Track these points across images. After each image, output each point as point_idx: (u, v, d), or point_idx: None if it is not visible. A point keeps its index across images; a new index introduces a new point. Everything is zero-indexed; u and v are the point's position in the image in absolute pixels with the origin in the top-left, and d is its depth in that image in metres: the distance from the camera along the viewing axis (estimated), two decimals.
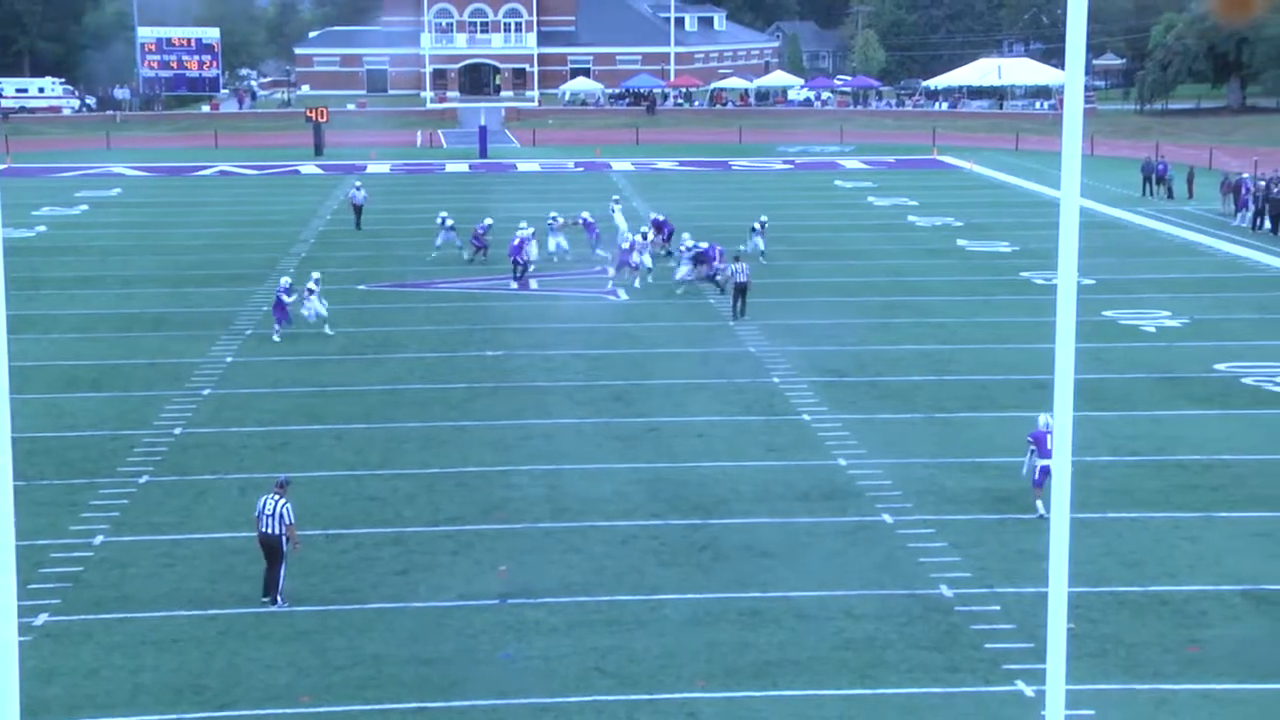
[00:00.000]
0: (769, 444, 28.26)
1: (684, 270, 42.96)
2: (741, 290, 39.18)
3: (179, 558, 22.54)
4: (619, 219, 51.40)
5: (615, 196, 56.21)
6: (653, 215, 50.91)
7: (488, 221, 49.30)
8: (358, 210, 56.79)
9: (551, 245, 47.78)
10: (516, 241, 45.32)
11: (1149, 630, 19.57)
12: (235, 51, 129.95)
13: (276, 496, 20.76)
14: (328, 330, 37.47)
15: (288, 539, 20.59)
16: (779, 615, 20.17)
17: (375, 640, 19.52)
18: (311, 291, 37.89)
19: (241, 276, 46.29)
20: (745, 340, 37.00)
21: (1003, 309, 40.33)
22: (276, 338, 37.16)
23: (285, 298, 37.66)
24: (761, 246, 47.36)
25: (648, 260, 44.21)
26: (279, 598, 20.50)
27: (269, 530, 20.59)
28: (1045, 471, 23.08)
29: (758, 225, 48.20)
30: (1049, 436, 22.68)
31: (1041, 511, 22.98)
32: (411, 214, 58.75)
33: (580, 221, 49.54)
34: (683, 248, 43.83)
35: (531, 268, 45.44)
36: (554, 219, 49.03)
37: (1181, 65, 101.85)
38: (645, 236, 45.65)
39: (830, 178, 75.96)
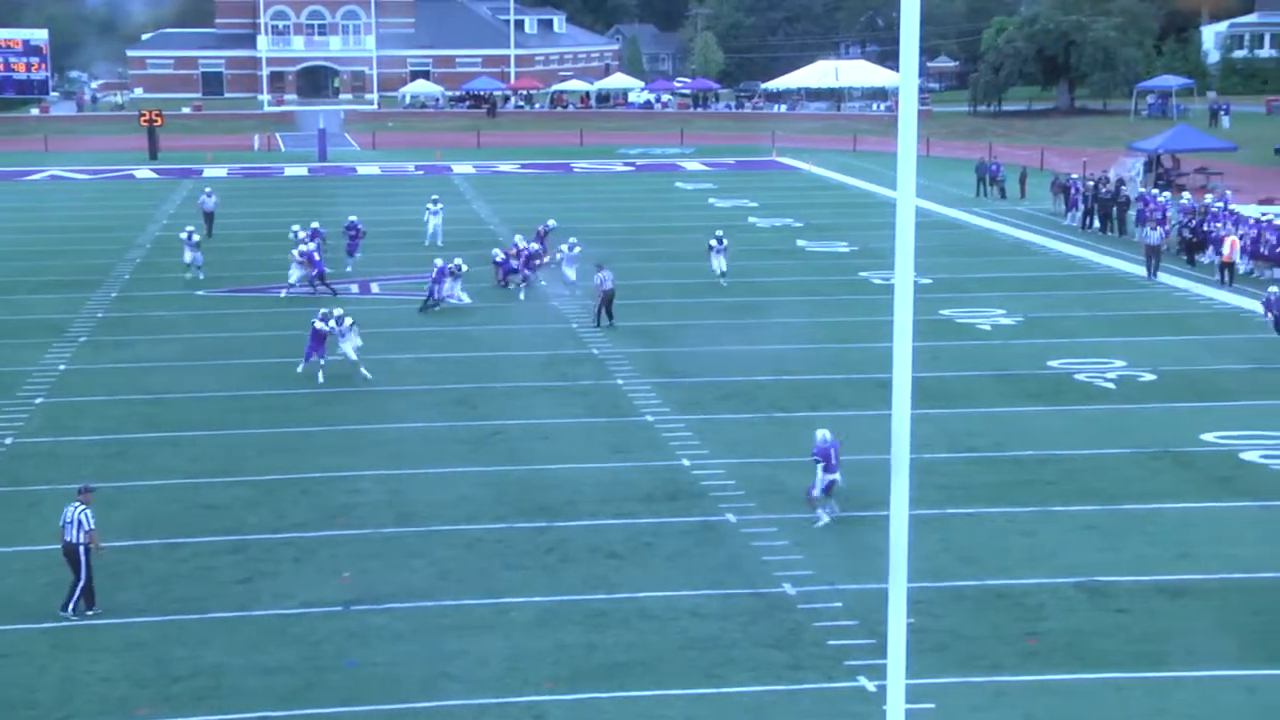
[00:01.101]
0: (614, 445, 28.32)
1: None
2: (608, 299, 38.71)
3: (11, 570, 22.00)
4: (433, 222, 51.72)
5: (434, 197, 55.18)
6: (540, 226, 49.05)
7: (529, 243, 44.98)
8: (208, 217, 55.16)
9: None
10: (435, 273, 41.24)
11: (987, 624, 19.94)
12: (65, 53, 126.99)
13: (78, 503, 20.37)
14: (365, 372, 33.16)
15: (88, 546, 20.18)
16: (626, 616, 20.22)
17: (216, 650, 19.20)
18: (344, 327, 33.52)
19: (76, 283, 45.29)
20: (589, 343, 37.04)
21: (842, 309, 40.83)
22: (300, 369, 33.44)
23: (320, 325, 33.31)
24: (722, 268, 43.62)
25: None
26: (70, 607, 20.03)
27: (70, 539, 20.20)
28: (828, 485, 23.60)
29: (715, 243, 44.22)
30: (833, 450, 23.44)
31: (824, 519, 23.43)
32: (250, 219, 57.90)
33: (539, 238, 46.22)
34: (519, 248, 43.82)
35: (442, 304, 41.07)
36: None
37: (1012, 68, 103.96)
38: (571, 248, 43.64)
39: (671, 179, 76.32)
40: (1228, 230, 45.73)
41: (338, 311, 33.89)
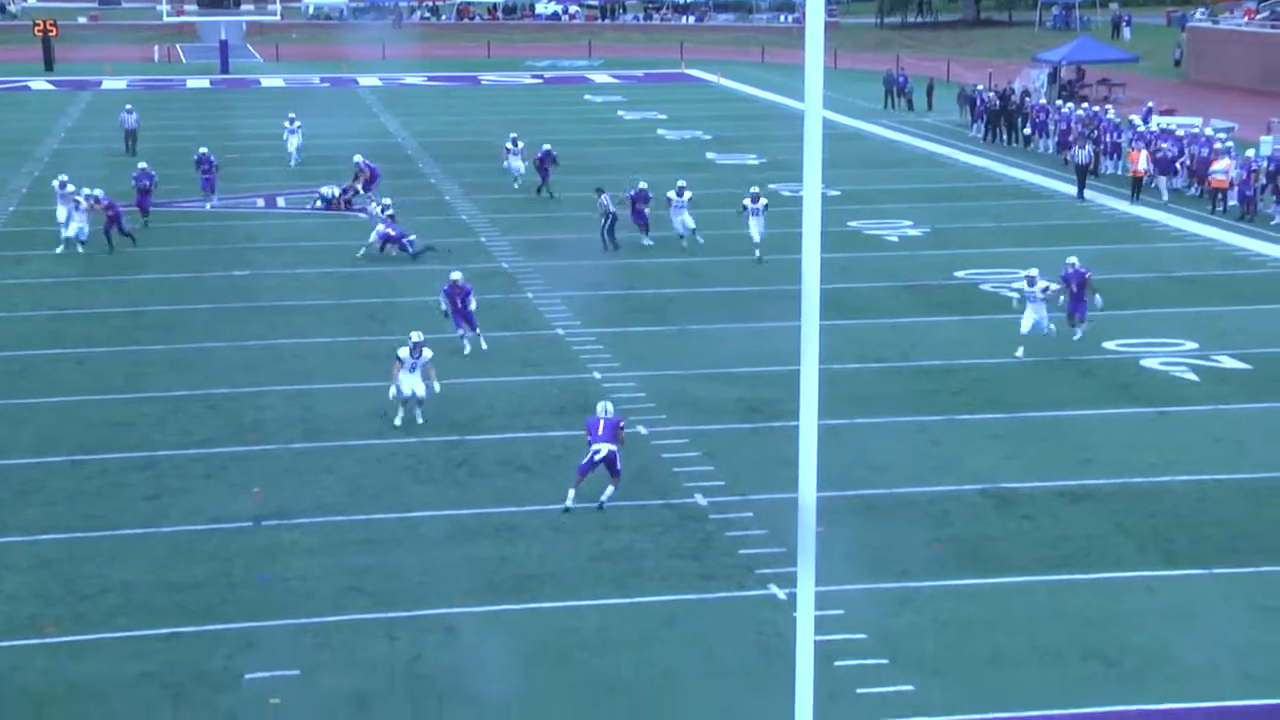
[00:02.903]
0: (524, 359, 28.29)
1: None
2: (612, 221, 36.92)
3: None
4: (293, 141, 50.13)
5: (291, 115, 52.38)
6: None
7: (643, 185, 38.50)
8: (130, 135, 53.50)
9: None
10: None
11: (895, 531, 20.22)
12: None
13: None
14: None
15: None
16: (537, 529, 20.30)
17: (125, 567, 19.09)
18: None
19: None
20: (498, 256, 36.89)
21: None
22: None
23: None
24: (758, 235, 35.61)
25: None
26: None
27: None
28: (610, 459, 20.87)
29: (749, 202, 36.06)
30: (601, 423, 20.90)
31: (568, 505, 20.82)
32: (152, 132, 56.85)
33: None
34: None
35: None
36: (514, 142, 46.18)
37: None
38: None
39: (580, 92, 75.85)
40: (1137, 144, 45.84)
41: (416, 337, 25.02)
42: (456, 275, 28.33)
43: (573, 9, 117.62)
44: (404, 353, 24.22)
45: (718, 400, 25.60)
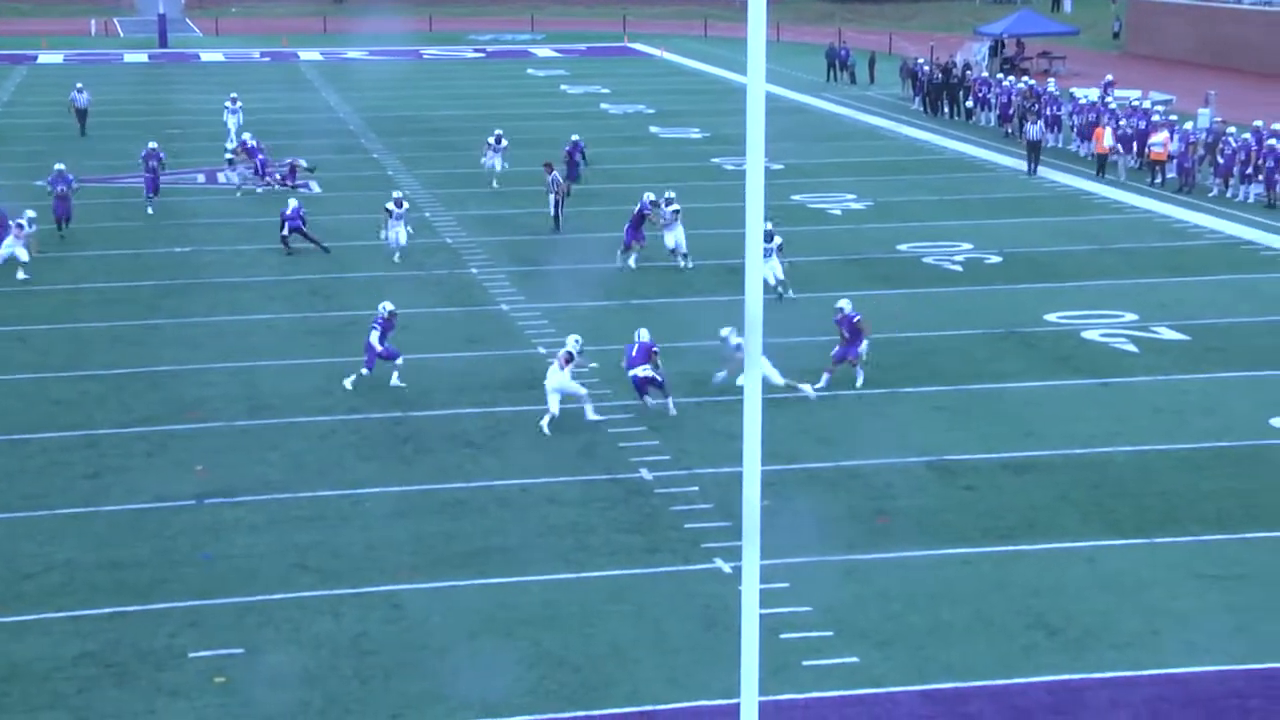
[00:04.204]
0: (469, 335, 28.23)
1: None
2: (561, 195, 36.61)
3: None
4: (232, 122, 47.99)
5: (233, 95, 50.31)
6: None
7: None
8: (81, 114, 51.56)
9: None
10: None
11: (840, 504, 20.32)
12: None
13: None
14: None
15: None
16: (483, 504, 20.29)
17: (67, 546, 18.96)
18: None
19: None
20: (442, 231, 36.76)
21: (695, 195, 40.79)
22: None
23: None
24: (777, 275, 30.21)
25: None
26: None
27: None
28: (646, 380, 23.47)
29: (769, 242, 29.24)
30: (636, 347, 23.58)
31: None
32: (92, 107, 56.20)
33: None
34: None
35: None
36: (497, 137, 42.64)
37: None
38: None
39: (523, 66, 75.61)
40: (1105, 121, 45.38)
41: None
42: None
43: None
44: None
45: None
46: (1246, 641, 16.53)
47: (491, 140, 42.83)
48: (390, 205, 33.81)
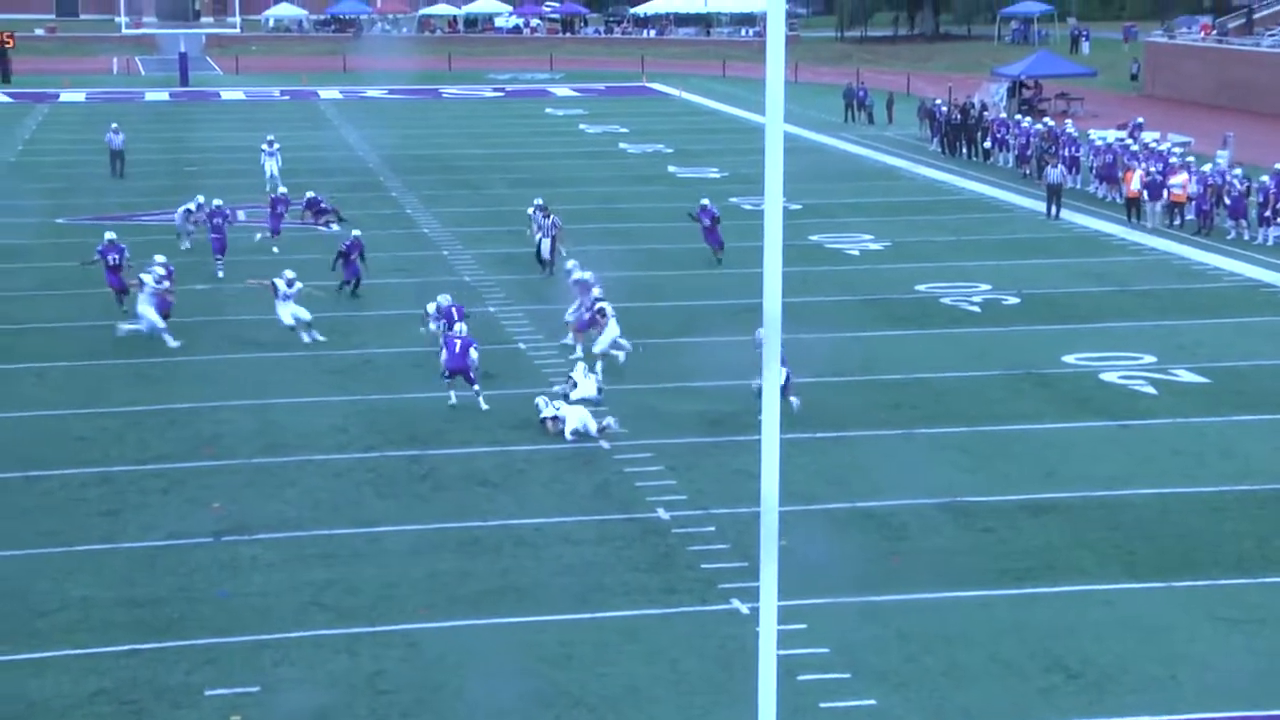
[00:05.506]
0: (485, 372, 28.20)
1: None
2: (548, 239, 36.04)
3: None
4: (270, 165, 46.65)
5: (270, 138, 49.00)
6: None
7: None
8: (117, 156, 50.30)
9: None
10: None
11: (855, 545, 20.24)
12: None
13: None
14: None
15: None
16: (499, 543, 20.24)
17: (83, 583, 18.94)
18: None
19: None
20: (460, 270, 36.82)
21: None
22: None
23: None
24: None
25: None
26: None
27: None
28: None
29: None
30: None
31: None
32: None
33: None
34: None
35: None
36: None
37: None
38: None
39: (541, 105, 75.87)
40: (1133, 164, 44.94)
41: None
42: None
43: (534, 22, 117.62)
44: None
45: (679, 413, 25.57)
46: (1266, 686, 16.41)
47: (532, 211, 37.22)
48: (280, 283, 30.08)
